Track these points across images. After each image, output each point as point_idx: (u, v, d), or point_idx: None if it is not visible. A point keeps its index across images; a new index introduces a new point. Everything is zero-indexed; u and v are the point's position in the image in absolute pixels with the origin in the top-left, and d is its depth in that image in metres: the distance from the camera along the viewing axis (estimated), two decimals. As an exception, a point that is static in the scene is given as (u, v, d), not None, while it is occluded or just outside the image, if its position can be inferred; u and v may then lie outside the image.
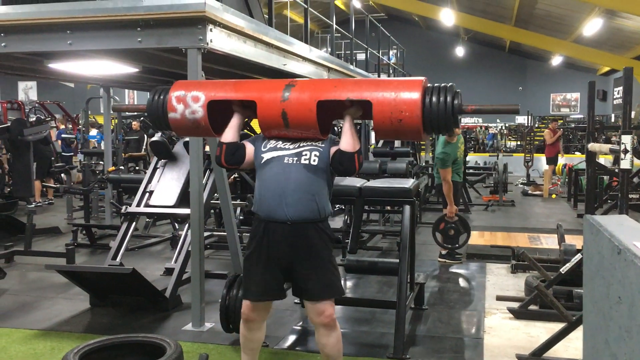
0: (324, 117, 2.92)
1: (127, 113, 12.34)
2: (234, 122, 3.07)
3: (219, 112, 3.08)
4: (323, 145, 2.98)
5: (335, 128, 9.97)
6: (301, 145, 2.97)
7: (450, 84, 2.82)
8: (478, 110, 2.90)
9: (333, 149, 2.96)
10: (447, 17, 18.17)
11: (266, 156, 3.00)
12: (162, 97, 3.15)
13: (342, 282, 5.66)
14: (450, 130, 2.87)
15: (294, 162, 2.93)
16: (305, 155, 2.94)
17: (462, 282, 5.77)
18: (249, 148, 3.09)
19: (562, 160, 13.85)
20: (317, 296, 2.96)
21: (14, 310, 4.79)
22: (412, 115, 2.69)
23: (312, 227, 2.94)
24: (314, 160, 2.93)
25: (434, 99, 2.73)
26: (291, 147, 2.98)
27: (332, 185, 3.10)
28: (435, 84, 2.81)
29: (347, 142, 2.90)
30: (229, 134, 3.05)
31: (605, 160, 13.08)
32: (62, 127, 14.39)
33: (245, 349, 3.17)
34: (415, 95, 2.71)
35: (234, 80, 3.23)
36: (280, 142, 3.01)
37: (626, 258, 1.38)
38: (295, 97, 2.83)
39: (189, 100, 3.00)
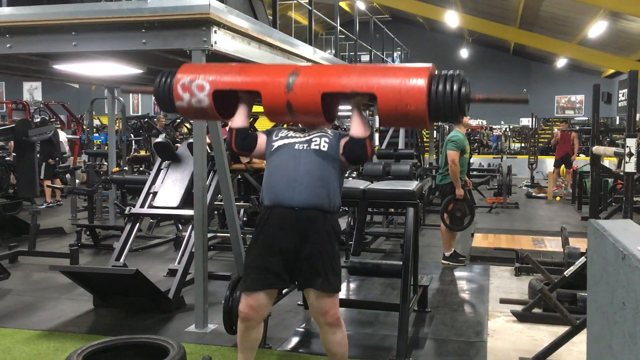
0: (329, 103, 2.91)
1: (131, 114, 12.44)
2: (242, 108, 3.10)
3: (225, 96, 3.07)
4: (332, 135, 3.03)
5: (338, 125, 9.97)
6: (311, 134, 3.03)
7: (458, 71, 2.73)
8: (486, 99, 2.78)
9: (343, 140, 3.00)
10: (452, 19, 18.16)
11: (277, 144, 3.05)
12: (168, 80, 3.12)
13: (346, 284, 5.68)
14: (456, 120, 2.78)
15: (305, 147, 2.97)
16: (316, 141, 2.98)
17: (465, 285, 5.76)
18: (261, 137, 3.15)
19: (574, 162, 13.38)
20: (316, 286, 2.91)
21: (17, 311, 4.80)
22: (417, 106, 2.63)
23: (320, 216, 2.92)
24: (324, 147, 2.97)
25: (440, 87, 2.65)
26: (301, 136, 3.04)
27: (343, 180, 3.12)
28: (443, 71, 2.72)
29: (357, 128, 2.91)
30: (238, 120, 3.09)
31: (609, 162, 13.03)
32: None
33: (242, 348, 3.11)
34: (421, 85, 2.63)
35: (238, 65, 3.20)
36: (292, 133, 3.07)
37: (630, 263, 1.38)
38: (299, 88, 2.81)
39: (194, 89, 2.99)
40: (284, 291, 4.03)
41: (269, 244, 2.94)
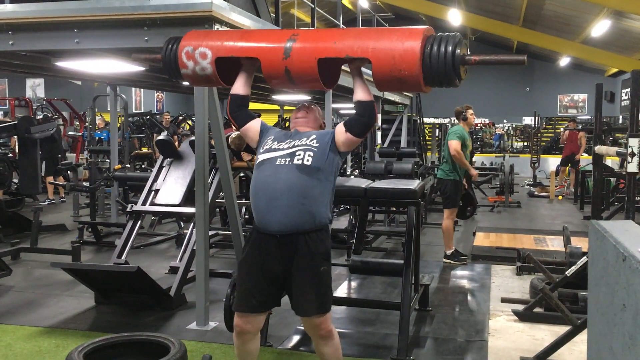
0: (329, 68, 2.94)
1: (134, 110, 12.46)
2: (242, 75, 3.10)
3: (230, 63, 3.11)
4: (318, 144, 2.89)
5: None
6: (295, 145, 2.90)
7: (454, 33, 2.70)
8: (482, 61, 2.73)
9: (339, 126, 2.93)
10: (455, 17, 18.11)
11: (261, 157, 2.94)
12: (174, 47, 3.15)
13: (347, 282, 5.68)
14: (452, 83, 2.70)
15: (286, 162, 2.83)
16: (299, 155, 2.84)
17: (466, 284, 5.75)
18: (255, 124, 3.10)
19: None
20: (305, 313, 2.88)
21: (19, 307, 4.82)
22: (411, 71, 2.61)
23: (302, 239, 2.80)
24: (308, 160, 2.81)
25: (434, 49, 2.61)
26: (285, 147, 2.90)
27: (333, 188, 2.96)
28: (438, 33, 2.69)
29: (361, 93, 2.86)
30: (236, 86, 3.09)
31: (612, 161, 13.01)
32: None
33: None
34: (414, 49, 2.60)
35: (240, 32, 3.28)
36: (276, 143, 2.95)
37: (631, 265, 1.38)
38: (296, 54, 2.82)
39: (198, 57, 3.03)
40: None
41: (257, 268, 2.86)
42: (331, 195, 2.96)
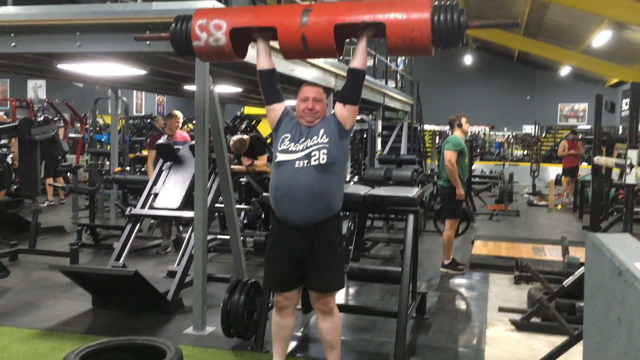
0: (338, 37, 3.11)
1: (134, 113, 12.46)
2: (260, 50, 3.27)
3: (240, 36, 3.24)
4: (328, 139, 3.14)
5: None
6: (309, 145, 3.14)
7: (455, 2, 3.04)
8: (482, 25, 3.07)
9: (337, 108, 3.22)
10: (456, 25, 18.18)
11: (279, 157, 3.19)
12: (185, 25, 3.29)
13: (345, 289, 5.66)
14: (456, 45, 3.02)
15: (305, 165, 3.10)
16: (315, 155, 3.11)
17: (464, 292, 5.75)
18: (279, 108, 3.30)
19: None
20: (315, 288, 3.26)
21: (16, 309, 4.81)
22: (422, 34, 2.92)
23: (321, 228, 3.16)
24: (323, 159, 3.11)
25: (441, 16, 2.93)
26: (301, 147, 3.14)
27: (346, 166, 3.32)
28: (442, 3, 3.01)
29: (362, 60, 3.16)
30: (260, 62, 3.28)
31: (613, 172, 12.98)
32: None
33: (277, 337, 3.38)
34: (425, 16, 2.92)
35: (252, 7, 3.52)
36: (293, 144, 3.18)
37: (627, 280, 1.38)
38: (313, 21, 3.02)
39: (212, 28, 3.17)
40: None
41: (282, 254, 3.24)
42: (344, 176, 3.34)
